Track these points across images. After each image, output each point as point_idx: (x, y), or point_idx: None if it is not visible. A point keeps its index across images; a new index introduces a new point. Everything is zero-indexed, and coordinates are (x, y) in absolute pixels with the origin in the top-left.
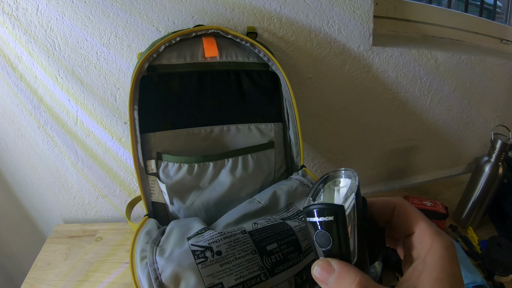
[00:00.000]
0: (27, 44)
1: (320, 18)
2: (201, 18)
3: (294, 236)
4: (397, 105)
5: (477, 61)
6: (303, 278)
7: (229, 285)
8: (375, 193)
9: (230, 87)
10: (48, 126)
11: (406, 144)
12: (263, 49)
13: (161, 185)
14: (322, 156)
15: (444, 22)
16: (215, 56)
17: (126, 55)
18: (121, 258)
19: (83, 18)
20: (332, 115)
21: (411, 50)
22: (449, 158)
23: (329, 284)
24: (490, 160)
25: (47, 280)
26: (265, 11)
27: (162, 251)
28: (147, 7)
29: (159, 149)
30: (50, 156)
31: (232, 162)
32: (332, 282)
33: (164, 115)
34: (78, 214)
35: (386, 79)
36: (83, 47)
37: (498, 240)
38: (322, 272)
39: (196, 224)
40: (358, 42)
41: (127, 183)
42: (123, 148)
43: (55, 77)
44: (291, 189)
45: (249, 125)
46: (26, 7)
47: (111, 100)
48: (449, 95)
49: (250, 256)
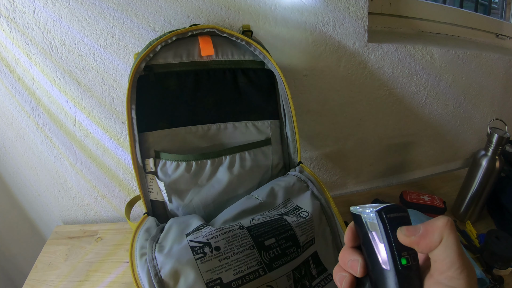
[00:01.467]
0: (25, 46)
1: (315, 16)
2: (196, 18)
3: (292, 231)
4: (393, 101)
5: (473, 56)
6: (302, 272)
7: (228, 280)
8: (373, 189)
9: (226, 86)
10: (47, 127)
11: (403, 140)
12: (259, 47)
13: (159, 183)
14: (319, 153)
15: (440, 18)
16: (211, 55)
17: (123, 55)
18: (121, 257)
19: (80, 19)
20: (328, 112)
21: (406, 46)
22: (446, 153)
23: (419, 232)
24: (487, 154)
25: (48, 281)
26: (260, 10)
27: (161, 247)
28: (143, 7)
29: (157, 148)
30: (49, 157)
31: (230, 159)
32: (421, 229)
33: (162, 114)
34: (77, 215)
35: (382, 75)
36: (80, 48)
37: (496, 233)
38: (410, 228)
39: (194, 221)
40: (354, 39)
41: (126, 183)
42: (122, 148)
43: (53, 79)
44: (289, 185)
45: (246, 122)
46: (23, 9)
47: (109, 100)
48: (445, 90)
49: (249, 251)
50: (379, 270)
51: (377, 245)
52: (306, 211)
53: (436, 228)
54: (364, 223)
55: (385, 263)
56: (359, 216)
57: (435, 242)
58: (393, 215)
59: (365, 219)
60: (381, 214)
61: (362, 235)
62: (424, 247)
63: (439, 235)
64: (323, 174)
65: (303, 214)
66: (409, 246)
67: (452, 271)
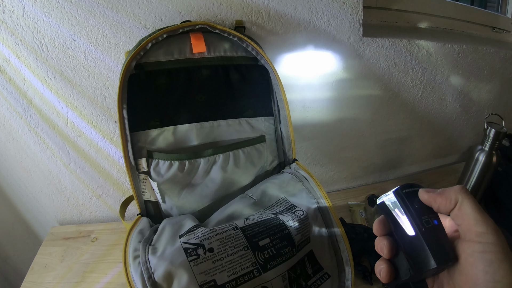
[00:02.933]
0: (15, 46)
1: (309, 10)
2: (188, 14)
3: (286, 231)
4: (389, 96)
5: (469, 50)
6: (297, 272)
7: (222, 281)
8: (370, 184)
9: (219, 83)
10: (39, 128)
11: (399, 135)
12: (251, 43)
13: (152, 183)
14: (315, 149)
15: (435, 12)
16: (203, 51)
17: (114, 53)
18: (117, 257)
19: (70, 18)
20: (323, 108)
21: (402, 40)
22: (443, 148)
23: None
24: (484, 149)
25: (44, 283)
26: (253, 5)
27: (155, 249)
28: (133, 4)
29: (149, 147)
30: (42, 158)
31: (223, 157)
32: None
33: (154, 112)
34: (73, 216)
35: (378, 70)
36: (71, 47)
37: None
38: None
39: (188, 222)
40: (348, 33)
41: (120, 182)
42: (115, 147)
43: (44, 79)
44: (283, 183)
45: (240, 120)
46: (12, 9)
47: (101, 99)
48: (442, 84)
49: (243, 252)
50: (407, 240)
51: (401, 218)
52: (301, 210)
53: (452, 190)
54: (387, 205)
55: (410, 230)
56: (383, 202)
57: (451, 200)
58: (408, 190)
59: (387, 202)
60: (398, 191)
61: (389, 218)
62: (440, 204)
63: (455, 195)
64: (318, 170)
65: (298, 213)
66: (427, 203)
67: (478, 226)
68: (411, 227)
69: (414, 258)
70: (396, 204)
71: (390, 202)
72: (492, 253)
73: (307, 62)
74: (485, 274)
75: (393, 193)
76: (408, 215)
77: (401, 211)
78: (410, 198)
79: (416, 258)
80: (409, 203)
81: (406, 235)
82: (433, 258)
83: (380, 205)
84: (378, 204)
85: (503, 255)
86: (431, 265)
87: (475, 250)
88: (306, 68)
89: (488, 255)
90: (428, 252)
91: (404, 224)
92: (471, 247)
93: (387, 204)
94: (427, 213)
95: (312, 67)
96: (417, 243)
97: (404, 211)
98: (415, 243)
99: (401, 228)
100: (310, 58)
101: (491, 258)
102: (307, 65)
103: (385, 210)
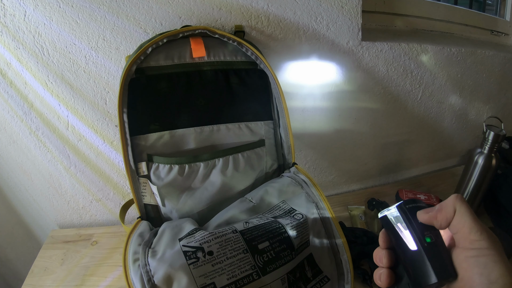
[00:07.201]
0: (16, 50)
1: (308, 15)
2: (188, 19)
3: (286, 234)
4: (388, 100)
5: (467, 53)
6: (296, 275)
7: (221, 285)
8: (369, 188)
9: (218, 87)
10: (40, 131)
11: (398, 138)
12: (251, 47)
13: (152, 187)
14: (314, 153)
15: (434, 15)
16: (203, 56)
17: (114, 58)
18: (117, 261)
19: (71, 22)
20: (322, 112)
21: (401, 44)
22: (442, 151)
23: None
24: (483, 151)
25: (44, 286)
26: (252, 10)
27: (154, 252)
28: (134, 9)
29: (149, 151)
30: (43, 161)
31: (223, 161)
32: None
33: (154, 117)
34: (73, 219)
35: (377, 74)
36: (72, 52)
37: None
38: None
39: (187, 225)
40: (347, 38)
41: (120, 186)
42: (115, 151)
43: (45, 83)
44: (283, 187)
45: (239, 124)
46: (14, 13)
47: (101, 103)
48: (441, 88)
49: (242, 255)
50: (409, 254)
51: (403, 233)
52: (300, 213)
53: (449, 202)
54: (390, 220)
55: (412, 245)
56: (385, 216)
57: (450, 213)
58: (411, 205)
59: (390, 216)
60: (401, 206)
61: (391, 232)
62: (441, 220)
63: (452, 206)
64: (318, 174)
65: (298, 216)
66: (428, 223)
67: (473, 234)
68: (413, 242)
69: (415, 272)
70: (399, 219)
71: (393, 217)
72: (486, 256)
73: (306, 66)
74: (480, 276)
75: (396, 208)
76: (411, 230)
77: (404, 226)
78: (412, 213)
79: (417, 272)
80: (412, 218)
81: (408, 249)
82: (434, 273)
83: (382, 218)
84: (379, 218)
85: (497, 257)
86: (431, 280)
87: (468, 256)
88: (305, 72)
89: (482, 258)
90: (430, 267)
91: (407, 239)
92: (465, 253)
93: (390, 218)
94: (429, 228)
95: (311, 71)
96: (419, 258)
97: (407, 226)
98: (417, 258)
99: (403, 243)
100: (309, 62)
101: (485, 261)
102: (306, 69)
103: (387, 224)
